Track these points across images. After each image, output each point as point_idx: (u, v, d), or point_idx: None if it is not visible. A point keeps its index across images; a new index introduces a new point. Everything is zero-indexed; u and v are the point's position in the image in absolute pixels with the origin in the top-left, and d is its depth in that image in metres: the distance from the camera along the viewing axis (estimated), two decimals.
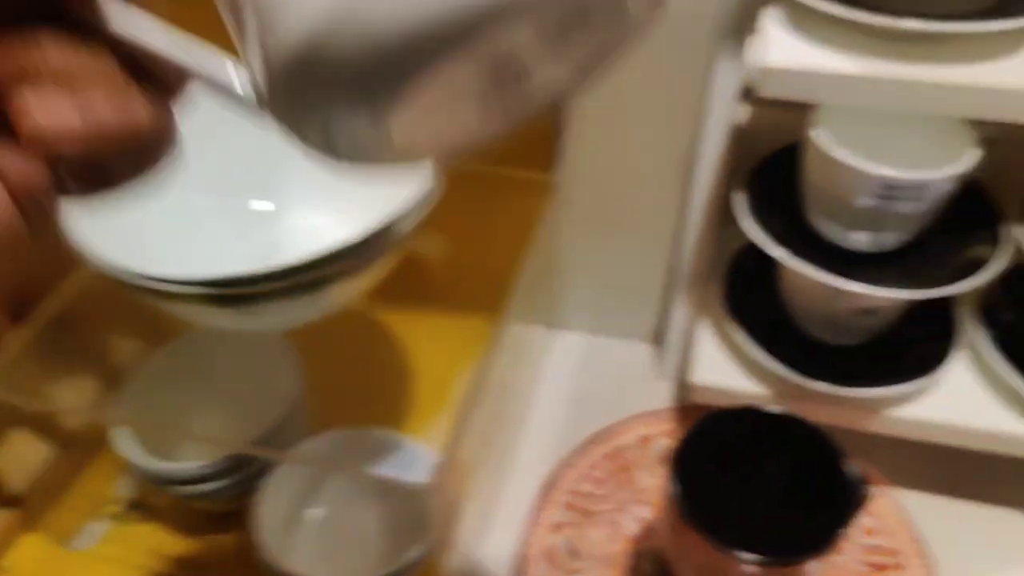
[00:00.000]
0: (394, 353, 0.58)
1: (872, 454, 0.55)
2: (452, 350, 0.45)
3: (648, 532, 0.53)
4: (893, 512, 0.53)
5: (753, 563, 0.40)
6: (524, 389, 0.61)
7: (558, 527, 0.52)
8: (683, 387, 0.60)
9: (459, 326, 0.46)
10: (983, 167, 0.48)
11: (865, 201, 0.44)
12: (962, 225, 0.49)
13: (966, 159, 0.43)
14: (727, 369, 0.54)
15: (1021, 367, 0.50)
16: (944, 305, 0.54)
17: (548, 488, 0.55)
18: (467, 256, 0.50)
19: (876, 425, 0.52)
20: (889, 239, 0.46)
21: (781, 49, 0.43)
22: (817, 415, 0.52)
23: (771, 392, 0.52)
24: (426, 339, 0.52)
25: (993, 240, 0.47)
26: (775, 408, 0.44)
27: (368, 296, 0.42)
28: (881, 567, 0.51)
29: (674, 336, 0.60)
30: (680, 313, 0.59)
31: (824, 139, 0.44)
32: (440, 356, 0.51)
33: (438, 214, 0.43)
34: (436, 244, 0.52)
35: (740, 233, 0.49)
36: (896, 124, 0.48)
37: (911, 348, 0.53)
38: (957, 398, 0.52)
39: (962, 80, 0.40)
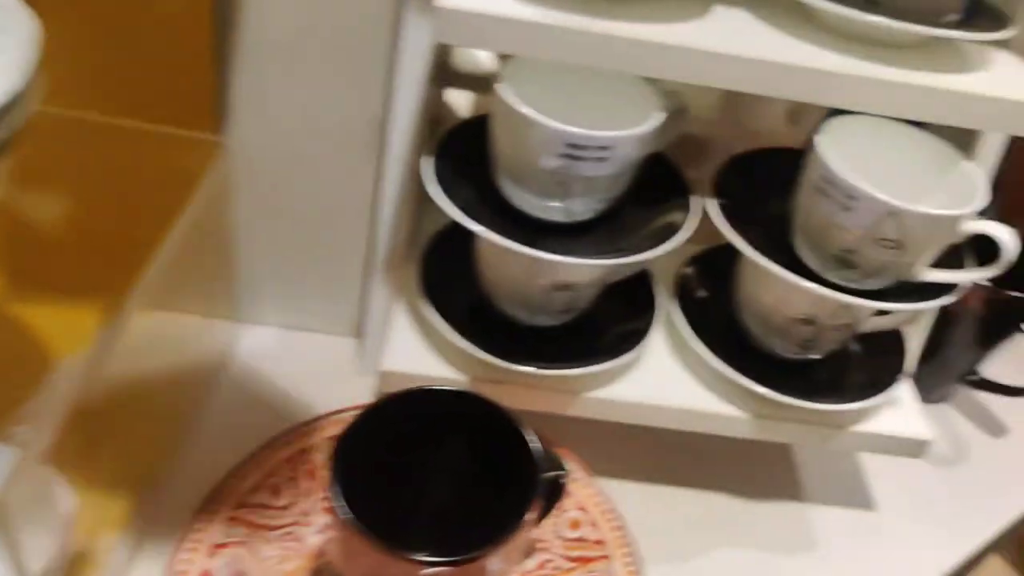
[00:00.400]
0: None
1: (576, 443, 0.53)
2: (61, 335, 0.36)
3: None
4: (597, 502, 0.50)
5: (421, 563, 0.34)
6: (192, 390, 0.52)
7: (219, 548, 0.43)
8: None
9: (75, 309, 0.36)
10: (677, 140, 0.48)
11: (549, 162, 0.41)
12: (656, 197, 0.48)
13: (651, 121, 0.42)
14: (422, 355, 0.49)
15: (714, 344, 0.50)
16: (643, 284, 0.53)
17: (209, 503, 0.46)
18: (101, 228, 0.40)
19: (577, 408, 0.49)
20: (579, 206, 0.43)
21: None
22: (518, 400, 0.49)
23: (469, 377, 0.48)
24: (38, 319, 0.41)
25: (684, 211, 0.47)
26: (449, 387, 0.40)
27: None
28: (586, 560, 0.48)
29: (373, 325, 0.54)
30: (379, 298, 0.53)
31: (508, 93, 0.41)
32: (49, 341, 0.40)
33: (64, 175, 0.33)
34: (60, 209, 0.42)
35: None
36: (589, 88, 0.46)
37: (610, 328, 0.51)
38: (656, 378, 0.51)
39: (649, 37, 0.39)
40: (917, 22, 0.40)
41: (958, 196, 0.43)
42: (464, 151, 0.46)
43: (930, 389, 0.65)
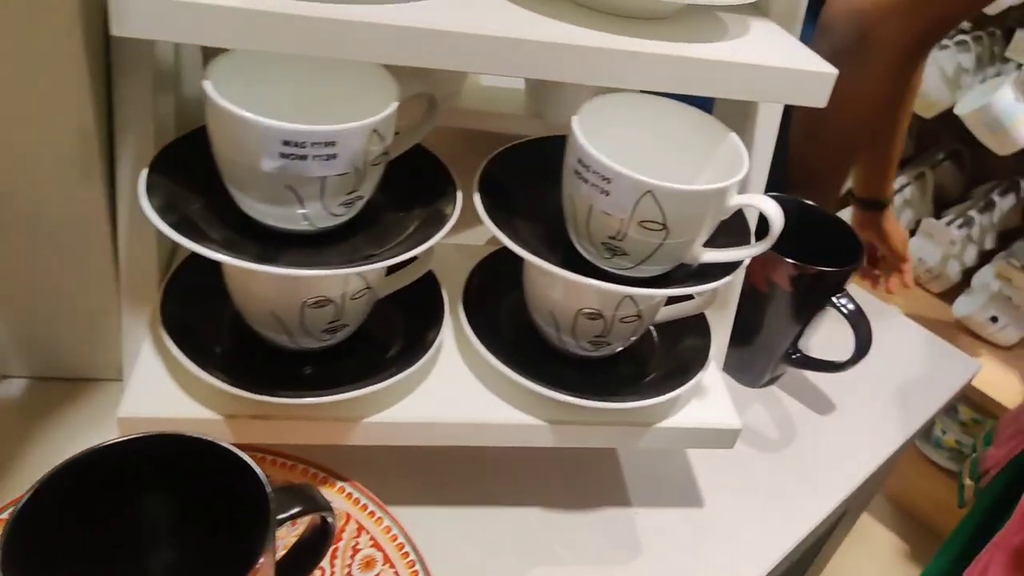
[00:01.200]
0: None
1: (367, 472, 0.48)
2: None
3: None
4: (392, 536, 0.45)
5: None
6: None
7: None
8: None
9: None
10: (429, 133, 0.44)
11: (269, 163, 0.36)
12: (421, 197, 0.44)
13: (381, 113, 0.38)
14: (171, 396, 0.43)
15: (508, 351, 0.46)
16: (429, 292, 0.49)
17: None
18: None
19: (358, 436, 0.44)
20: (318, 212, 0.38)
21: None
22: (288, 435, 0.44)
23: (225, 416, 0.42)
24: None
25: (449, 211, 0.43)
26: (160, 433, 0.34)
27: None
28: None
29: (128, 365, 0.47)
30: (129, 335, 0.47)
31: (214, 91, 0.36)
32: None
33: None
34: None
35: None
36: (327, 79, 0.41)
37: (392, 344, 0.47)
38: (446, 393, 0.46)
39: (360, 17, 0.34)
40: None
41: (728, 170, 0.41)
42: (197, 161, 0.41)
43: (755, 373, 0.63)
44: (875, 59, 0.67)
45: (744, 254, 0.42)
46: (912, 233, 1.50)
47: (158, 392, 0.43)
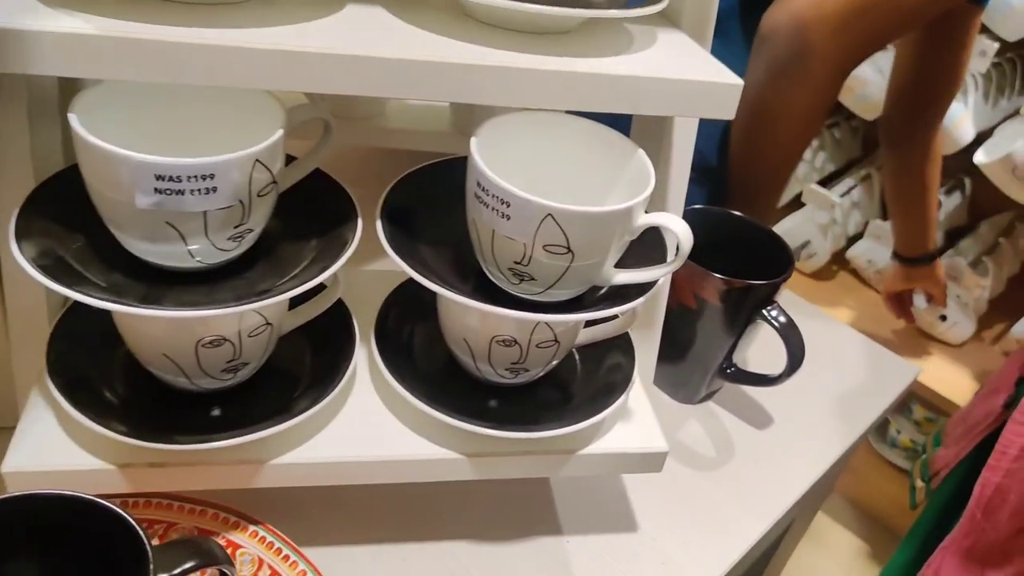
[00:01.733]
0: None
1: (280, 514, 0.46)
2: None
3: None
4: None
5: None
6: None
7: None
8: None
9: None
10: (325, 158, 0.42)
11: (144, 199, 0.34)
12: (321, 225, 0.42)
13: (265, 142, 0.36)
14: (62, 448, 0.40)
15: (424, 382, 0.45)
16: (342, 325, 0.47)
17: None
18: None
19: (265, 479, 0.42)
20: (205, 248, 0.37)
21: None
22: (189, 481, 0.41)
23: (119, 464, 0.40)
24: None
25: (348, 239, 0.41)
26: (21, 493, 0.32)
27: None
28: None
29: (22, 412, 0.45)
30: (18, 383, 0.44)
31: (81, 125, 0.34)
32: None
33: None
34: None
35: None
36: (213, 106, 0.39)
37: (299, 380, 0.45)
38: (358, 429, 0.44)
39: (248, 44, 0.33)
40: (568, 5, 0.37)
41: (635, 188, 0.40)
42: (75, 200, 0.39)
43: (691, 388, 0.62)
44: (815, 68, 0.67)
45: (657, 274, 0.41)
46: (860, 236, 1.51)
47: (47, 443, 0.40)
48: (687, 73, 0.39)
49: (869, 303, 1.49)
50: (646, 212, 0.39)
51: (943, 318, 1.42)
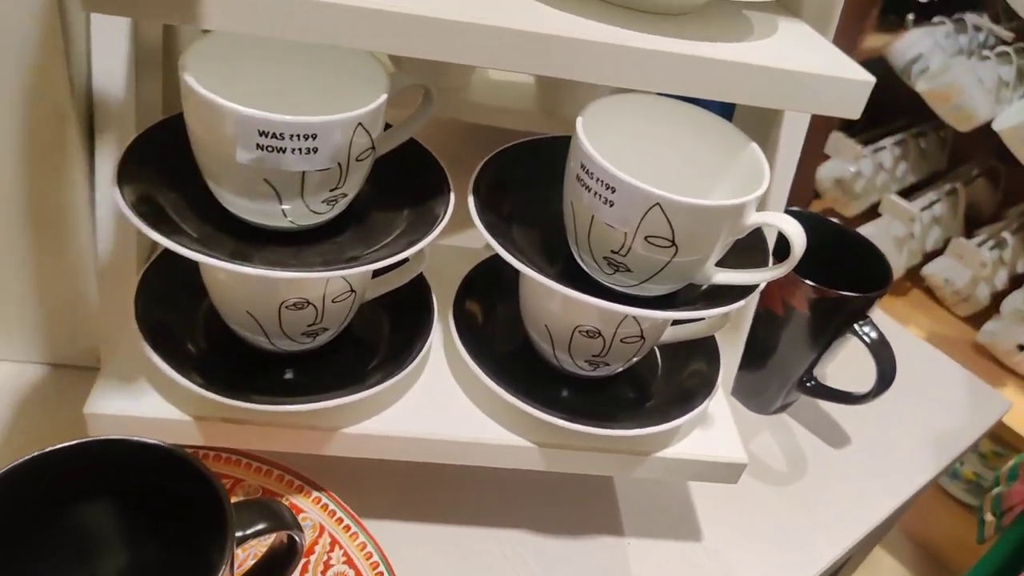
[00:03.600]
0: None
1: (345, 483, 0.45)
2: None
3: None
4: (367, 554, 0.43)
5: None
6: None
7: None
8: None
9: None
10: (423, 126, 0.41)
11: (245, 155, 0.33)
12: (414, 197, 0.41)
13: (369, 106, 0.35)
14: (141, 394, 0.40)
15: (499, 365, 0.43)
16: (420, 299, 0.46)
17: None
18: None
19: (335, 447, 0.42)
20: (299, 209, 0.36)
21: None
22: (261, 441, 0.41)
23: (196, 417, 0.40)
24: None
25: (440, 214, 0.40)
26: (98, 439, 0.31)
27: None
28: None
29: (104, 355, 0.45)
30: (105, 325, 0.44)
31: (189, 76, 0.33)
32: None
33: None
34: None
35: None
36: (317, 68, 0.38)
37: (376, 351, 0.44)
38: (430, 406, 0.43)
39: (372, 5, 0.31)
40: None
41: (746, 184, 0.38)
42: (174, 150, 0.38)
43: (766, 399, 0.60)
44: None
45: (760, 277, 0.39)
46: (940, 252, 1.45)
47: (129, 389, 0.40)
48: (816, 66, 0.36)
49: (941, 323, 1.43)
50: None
51: (1022, 348, 1.36)
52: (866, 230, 1.41)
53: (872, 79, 0.37)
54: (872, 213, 1.41)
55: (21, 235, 0.45)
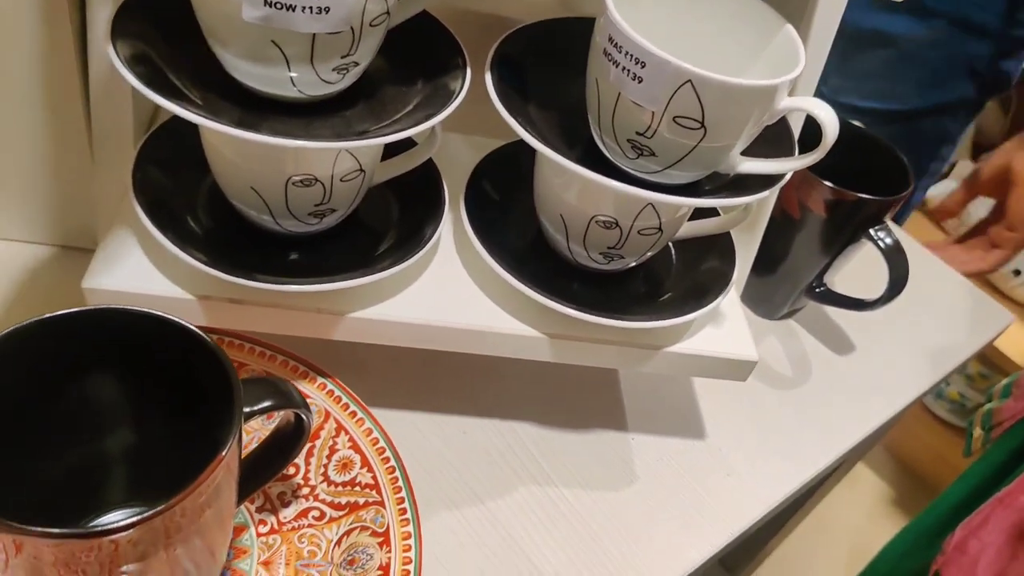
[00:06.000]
0: None
1: (351, 369, 0.45)
2: None
3: None
4: (372, 440, 0.42)
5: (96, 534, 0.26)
6: None
7: None
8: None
9: None
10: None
11: (252, 11, 0.31)
12: (427, 71, 0.39)
13: None
14: (141, 269, 0.39)
15: (509, 254, 0.42)
16: (430, 183, 0.44)
17: None
18: None
19: (341, 332, 0.41)
20: (308, 76, 0.34)
21: None
22: (266, 323, 0.40)
23: (199, 296, 0.39)
24: None
25: (453, 89, 0.38)
26: (101, 307, 0.30)
27: None
28: (355, 507, 0.40)
29: (99, 233, 0.44)
30: (100, 199, 0.43)
31: None
32: None
33: None
34: None
35: None
36: None
37: (385, 235, 0.42)
38: (438, 293, 0.42)
39: None
40: None
41: (779, 68, 0.36)
42: (176, 7, 0.36)
43: (774, 304, 0.59)
44: None
45: (788, 166, 0.37)
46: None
47: (128, 265, 0.39)
48: None
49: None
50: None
51: (1016, 272, 1.36)
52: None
53: None
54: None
55: (12, 107, 0.42)
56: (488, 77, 0.38)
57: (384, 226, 0.43)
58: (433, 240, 0.42)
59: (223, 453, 0.29)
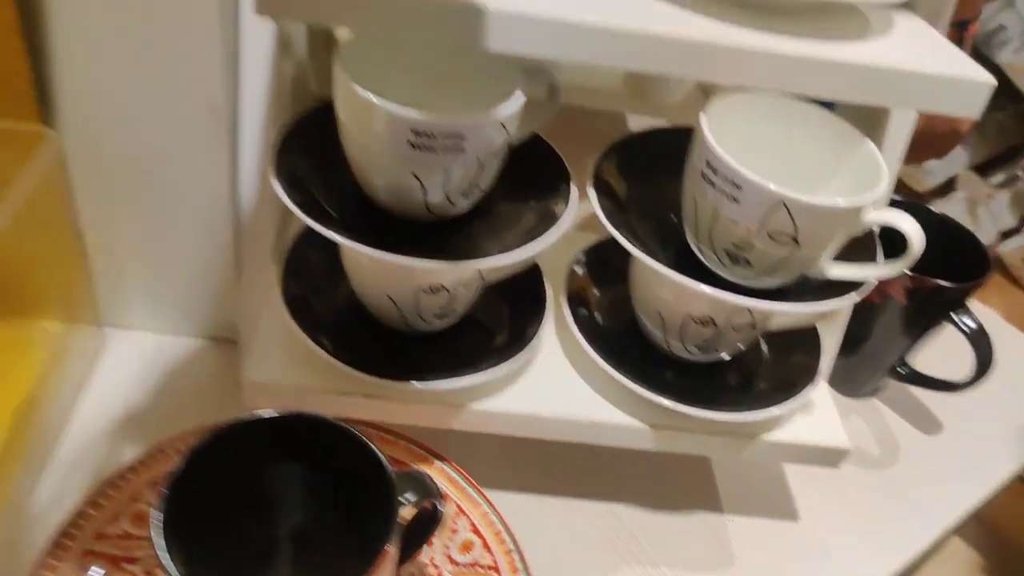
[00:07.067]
0: None
1: (467, 454, 0.48)
2: None
3: None
4: (490, 522, 0.46)
5: None
6: (54, 404, 0.47)
7: None
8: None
9: None
10: (553, 121, 0.43)
11: (397, 151, 0.36)
12: (535, 187, 0.44)
13: (508, 104, 0.37)
14: (289, 365, 0.44)
15: (609, 347, 0.46)
16: (532, 281, 0.49)
17: (62, 535, 0.41)
18: None
19: (461, 422, 0.45)
20: (440, 200, 0.39)
21: None
22: (395, 415, 0.45)
23: (339, 392, 0.43)
24: None
25: (564, 203, 0.42)
26: (287, 412, 0.35)
27: None
28: None
29: (244, 331, 0.49)
30: (247, 302, 0.48)
31: (345, 74, 0.36)
32: None
33: None
34: None
35: None
36: (450, 64, 0.41)
37: (497, 332, 0.47)
38: (546, 386, 0.46)
39: (497, 5, 0.34)
40: None
41: (860, 181, 0.39)
42: (320, 138, 0.42)
43: (857, 383, 0.61)
44: None
45: (875, 273, 0.40)
46: (1017, 231, 1.41)
47: (278, 360, 0.44)
48: (937, 66, 0.37)
49: (1019, 304, 1.40)
50: None
51: None
52: (939, 206, 1.39)
53: (992, 81, 0.37)
54: (947, 188, 1.38)
55: (170, 216, 0.49)
56: (591, 192, 0.42)
57: (494, 322, 0.47)
58: (538, 335, 0.46)
59: (389, 544, 0.32)
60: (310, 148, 0.42)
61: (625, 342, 0.48)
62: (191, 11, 0.41)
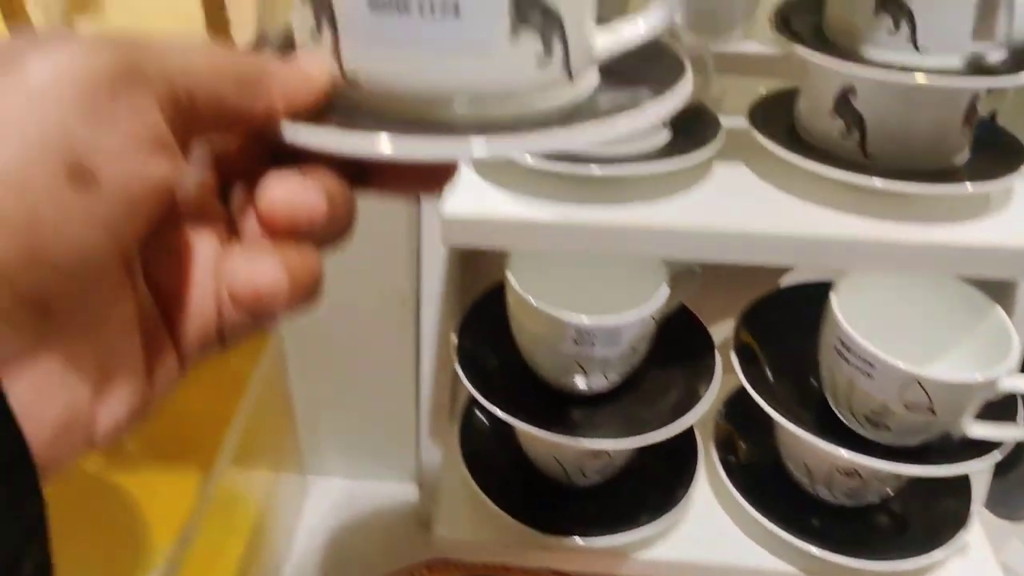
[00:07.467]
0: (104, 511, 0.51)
1: None
2: (161, 506, 0.40)
3: None
4: None
5: None
6: (275, 542, 0.56)
7: None
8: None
9: (167, 480, 0.41)
10: (692, 296, 0.48)
11: (563, 347, 0.42)
12: (681, 356, 0.49)
13: (655, 299, 0.43)
14: (470, 521, 0.51)
15: (760, 494, 0.49)
16: (683, 438, 0.53)
17: None
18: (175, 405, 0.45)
19: (625, 569, 0.49)
20: (599, 381, 0.45)
21: (465, 199, 0.42)
22: (566, 563, 0.50)
23: (513, 545, 0.49)
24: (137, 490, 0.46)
25: (709, 369, 0.47)
26: None
27: None
28: None
29: (425, 484, 0.56)
30: (429, 459, 0.55)
31: (516, 284, 0.43)
32: (150, 512, 0.45)
33: None
34: None
35: None
36: (599, 262, 0.47)
37: (654, 483, 0.51)
38: (702, 534, 0.50)
39: (639, 222, 0.40)
40: (923, 165, 0.38)
41: (990, 348, 0.41)
42: (488, 320, 0.49)
43: (1011, 506, 0.60)
44: None
45: (1017, 434, 0.42)
46: None
47: (464, 518, 0.51)
48: None
49: None
50: None
51: None
52: None
53: None
54: None
55: (361, 383, 0.57)
56: (735, 361, 0.47)
57: (650, 475, 0.52)
58: (692, 487, 0.50)
59: None
60: (483, 331, 0.49)
61: (773, 487, 0.51)
62: (388, 233, 0.50)
